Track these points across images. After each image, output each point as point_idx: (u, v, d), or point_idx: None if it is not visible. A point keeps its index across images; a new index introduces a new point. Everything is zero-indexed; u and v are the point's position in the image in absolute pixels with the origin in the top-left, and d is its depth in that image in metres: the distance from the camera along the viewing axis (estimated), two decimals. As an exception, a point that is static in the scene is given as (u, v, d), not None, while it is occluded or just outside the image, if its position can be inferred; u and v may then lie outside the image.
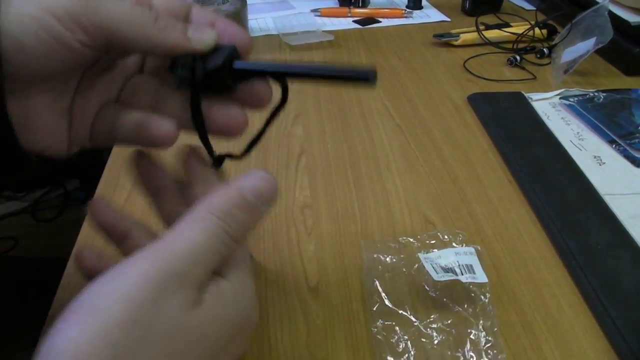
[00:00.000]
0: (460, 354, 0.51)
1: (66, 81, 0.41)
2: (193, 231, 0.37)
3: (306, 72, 0.43)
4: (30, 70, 0.37)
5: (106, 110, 0.44)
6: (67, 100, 0.42)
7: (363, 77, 0.40)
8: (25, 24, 0.35)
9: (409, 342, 0.52)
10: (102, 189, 0.74)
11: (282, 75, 0.44)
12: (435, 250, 0.60)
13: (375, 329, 0.53)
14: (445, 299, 0.56)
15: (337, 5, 1.36)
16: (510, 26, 1.18)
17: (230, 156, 0.47)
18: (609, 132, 0.83)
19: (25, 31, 0.35)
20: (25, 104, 0.38)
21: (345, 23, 1.29)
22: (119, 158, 0.79)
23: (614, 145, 0.80)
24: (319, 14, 1.33)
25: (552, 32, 1.15)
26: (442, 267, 0.57)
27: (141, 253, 0.35)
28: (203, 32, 0.41)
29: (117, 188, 0.74)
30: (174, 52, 0.41)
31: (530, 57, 1.08)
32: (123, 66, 0.45)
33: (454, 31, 1.16)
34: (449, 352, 0.52)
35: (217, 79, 0.42)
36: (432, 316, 0.55)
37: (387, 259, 0.61)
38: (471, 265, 0.57)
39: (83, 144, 0.45)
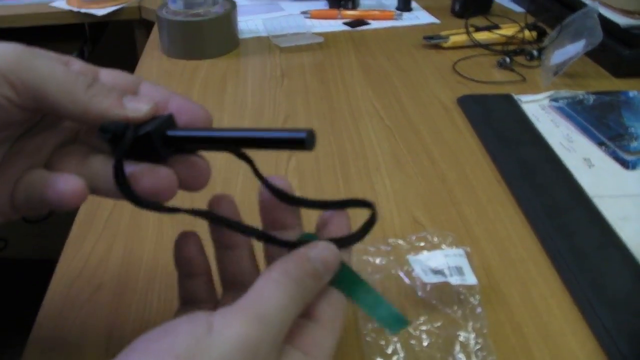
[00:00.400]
0: (449, 356, 0.51)
1: None
2: (278, 295, 0.36)
3: (235, 138, 0.41)
4: None
5: (29, 177, 0.41)
6: None
7: (298, 141, 0.37)
8: None
9: (398, 345, 0.52)
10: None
11: (211, 142, 0.42)
12: (425, 252, 0.60)
13: (365, 331, 0.53)
14: (434, 301, 0.56)
15: (327, 7, 1.36)
16: (500, 28, 1.18)
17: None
18: (598, 134, 0.83)
19: None
20: None
21: (335, 25, 1.29)
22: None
23: (603, 147, 0.80)
24: (308, 15, 1.33)
25: (542, 34, 1.16)
26: (431, 269, 0.57)
27: (233, 313, 0.35)
28: (139, 101, 0.40)
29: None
30: (106, 119, 0.39)
31: (520, 59, 1.08)
32: (55, 132, 0.43)
33: (443, 33, 1.17)
34: (439, 355, 0.52)
35: (147, 145, 0.40)
36: (421, 318, 0.55)
37: (376, 261, 0.61)
38: (460, 267, 0.57)
39: (5, 215, 0.42)
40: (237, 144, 0.42)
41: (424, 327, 0.54)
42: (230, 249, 0.45)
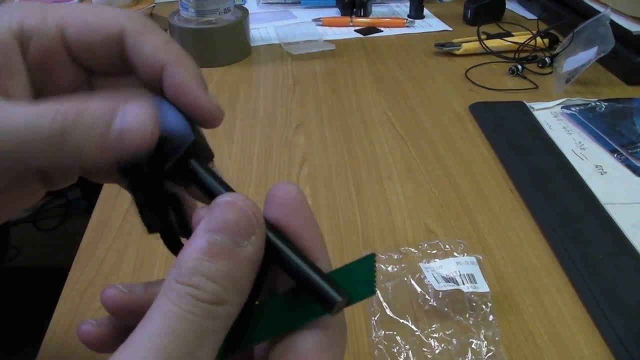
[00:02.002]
0: (461, 364, 0.51)
1: None
2: (153, 320, 0.27)
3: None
4: None
5: None
6: None
7: (325, 302, 0.30)
8: None
9: (410, 352, 0.52)
10: (103, 198, 0.74)
11: None
12: (437, 259, 0.60)
13: (377, 339, 0.53)
14: (446, 309, 0.56)
15: (339, 15, 1.37)
16: (512, 35, 1.18)
17: None
18: (610, 142, 0.83)
19: None
20: None
21: (347, 32, 1.29)
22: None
23: (615, 155, 0.80)
24: (320, 23, 1.33)
25: (554, 42, 1.16)
26: (443, 277, 0.57)
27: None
28: (134, 128, 0.31)
29: (119, 198, 0.74)
30: (94, 165, 0.31)
31: (532, 66, 1.08)
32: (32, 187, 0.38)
33: (455, 40, 1.17)
34: (451, 362, 0.52)
35: (166, 179, 0.33)
36: (433, 326, 0.55)
37: (389, 269, 0.61)
38: (472, 275, 0.57)
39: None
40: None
41: (435, 335, 0.54)
42: None
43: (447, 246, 0.64)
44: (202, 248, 0.28)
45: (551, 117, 0.90)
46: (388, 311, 0.56)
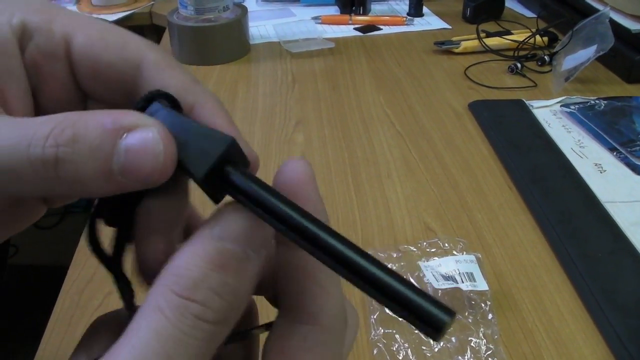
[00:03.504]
0: (460, 362, 0.51)
1: None
2: (145, 341, 0.22)
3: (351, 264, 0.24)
4: None
5: None
6: None
7: (431, 326, 0.23)
8: None
9: (409, 350, 0.52)
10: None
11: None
12: (436, 258, 0.60)
13: (376, 337, 0.53)
14: (445, 307, 0.56)
15: (338, 13, 1.37)
16: (511, 34, 1.18)
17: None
18: (609, 140, 0.83)
19: None
20: None
21: (346, 30, 1.29)
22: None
23: (614, 153, 0.80)
24: (319, 21, 1.33)
25: (553, 40, 1.16)
26: (442, 275, 0.57)
27: None
28: (145, 150, 0.24)
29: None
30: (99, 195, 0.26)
31: (531, 64, 1.08)
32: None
33: (454, 39, 1.17)
34: (450, 360, 0.52)
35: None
36: (432, 324, 0.55)
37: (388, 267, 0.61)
38: (472, 273, 0.57)
39: None
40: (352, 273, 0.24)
41: (435, 333, 0.54)
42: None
43: (446, 244, 0.64)
44: (210, 256, 0.23)
45: (550, 115, 0.90)
46: (387, 310, 0.56)
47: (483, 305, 0.56)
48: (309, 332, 0.26)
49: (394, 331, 0.54)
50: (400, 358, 0.52)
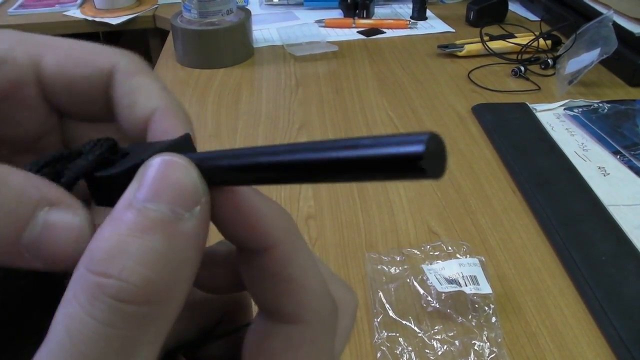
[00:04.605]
0: (464, 365, 0.51)
1: None
2: (58, 339, 0.19)
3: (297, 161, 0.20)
4: None
5: None
6: None
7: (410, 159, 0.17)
8: None
9: (412, 353, 0.52)
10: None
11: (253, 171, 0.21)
12: (439, 261, 0.60)
13: (379, 341, 0.53)
14: (449, 310, 0.56)
15: (342, 16, 1.37)
16: (515, 37, 1.18)
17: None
18: (613, 143, 0.83)
19: None
20: None
21: (350, 34, 1.29)
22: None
23: (618, 156, 0.80)
24: (323, 24, 1.33)
25: (557, 43, 1.16)
26: (446, 279, 0.57)
27: None
28: (66, 234, 0.21)
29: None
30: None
31: (535, 67, 1.08)
32: None
33: (458, 42, 1.17)
34: (453, 364, 0.52)
35: None
36: (436, 327, 0.55)
37: (391, 270, 0.61)
38: (475, 277, 0.57)
39: None
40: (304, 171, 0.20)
41: (438, 336, 0.54)
42: None
43: (450, 248, 0.64)
44: (128, 220, 0.19)
45: (554, 118, 0.90)
46: (391, 313, 0.56)
47: (486, 308, 0.56)
48: (293, 331, 0.23)
49: (398, 334, 0.54)
50: (404, 361, 0.52)
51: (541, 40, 1.13)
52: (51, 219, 0.21)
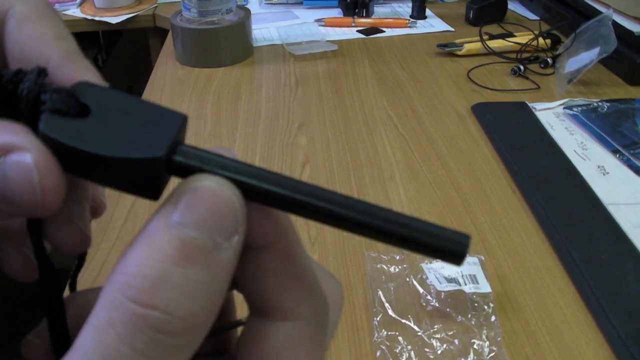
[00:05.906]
0: (463, 364, 0.51)
1: None
2: (85, 350, 0.18)
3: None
4: None
5: None
6: None
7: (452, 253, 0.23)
8: None
9: (412, 352, 0.52)
10: (105, 198, 0.74)
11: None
12: (439, 260, 0.60)
13: (379, 339, 0.53)
14: (448, 309, 0.56)
15: (341, 15, 1.37)
16: (514, 36, 1.18)
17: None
18: (612, 142, 0.83)
19: None
20: None
21: (349, 33, 1.29)
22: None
23: (617, 155, 0.80)
24: (323, 23, 1.33)
25: (556, 42, 1.16)
26: (445, 277, 0.57)
27: None
28: (22, 181, 0.20)
29: (121, 198, 0.74)
30: None
31: (534, 67, 1.08)
32: None
33: (457, 41, 1.17)
34: (453, 362, 0.52)
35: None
36: (435, 326, 0.55)
37: (391, 269, 0.61)
38: (475, 275, 0.57)
39: None
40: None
41: (438, 335, 0.54)
42: None
43: (449, 247, 0.64)
44: (171, 248, 0.19)
45: (553, 117, 0.91)
46: (390, 312, 0.56)
47: (486, 307, 0.56)
48: (292, 330, 0.23)
49: (397, 333, 0.54)
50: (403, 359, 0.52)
51: (540, 39, 1.13)
52: (8, 168, 0.20)
